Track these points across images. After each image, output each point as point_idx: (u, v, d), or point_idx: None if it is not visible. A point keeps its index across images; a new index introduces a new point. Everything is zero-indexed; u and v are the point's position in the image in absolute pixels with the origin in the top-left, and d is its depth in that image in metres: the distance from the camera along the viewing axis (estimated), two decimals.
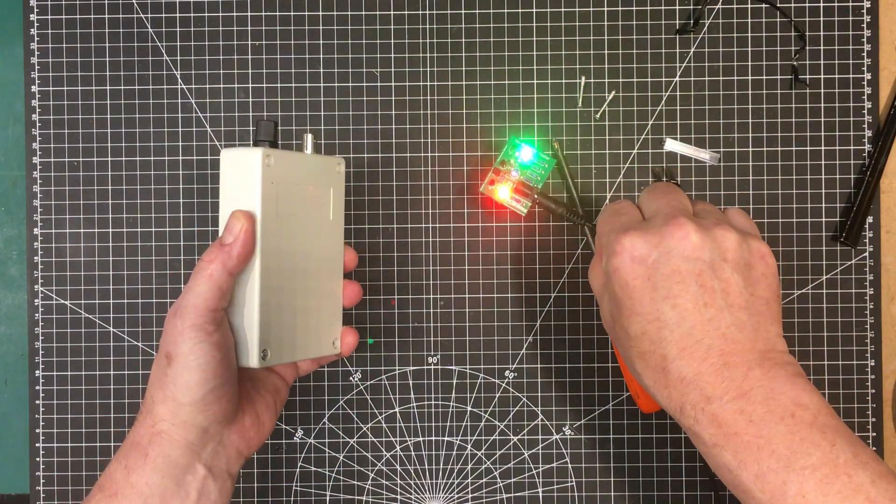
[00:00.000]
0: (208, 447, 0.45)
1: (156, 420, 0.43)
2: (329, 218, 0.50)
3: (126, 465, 0.43)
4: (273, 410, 0.49)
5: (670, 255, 0.41)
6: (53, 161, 0.60)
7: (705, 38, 0.60)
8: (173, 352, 0.43)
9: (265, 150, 0.45)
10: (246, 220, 0.44)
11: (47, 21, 0.60)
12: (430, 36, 0.60)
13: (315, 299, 0.49)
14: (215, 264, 0.43)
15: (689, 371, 0.40)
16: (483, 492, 0.60)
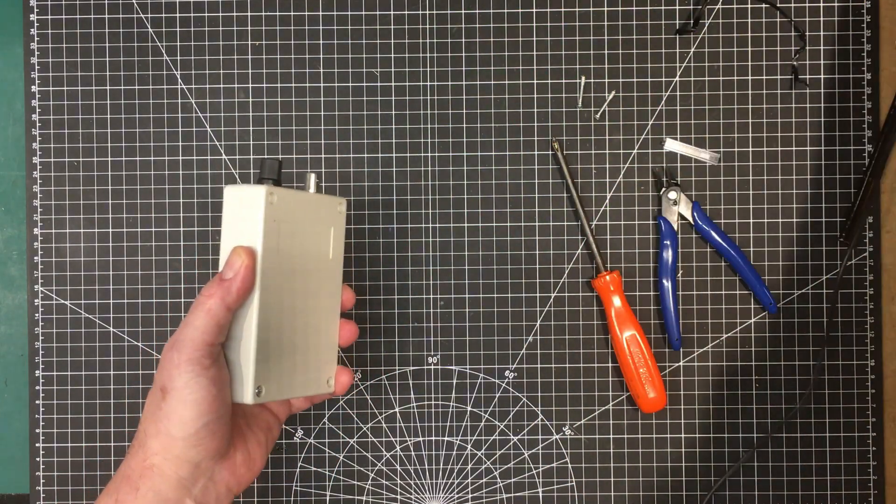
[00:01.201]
0: (199, 483, 0.44)
1: (147, 454, 0.43)
2: (328, 257, 0.50)
3: (116, 498, 0.43)
4: (264, 448, 0.49)
5: None
6: (53, 161, 0.60)
7: (705, 38, 0.60)
8: (169, 385, 0.43)
9: (269, 187, 0.45)
10: (247, 256, 0.44)
11: (47, 21, 0.60)
12: (430, 36, 0.60)
13: (312, 338, 0.49)
14: (214, 299, 0.43)
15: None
16: (483, 492, 0.60)
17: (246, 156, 0.60)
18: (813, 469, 0.60)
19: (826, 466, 0.60)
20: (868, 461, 0.60)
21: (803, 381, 0.60)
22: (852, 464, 0.60)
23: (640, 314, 0.60)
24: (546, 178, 0.60)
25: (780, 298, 0.60)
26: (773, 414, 0.60)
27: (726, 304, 0.60)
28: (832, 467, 0.60)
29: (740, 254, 0.59)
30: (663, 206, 0.59)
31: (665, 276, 0.59)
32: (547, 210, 0.60)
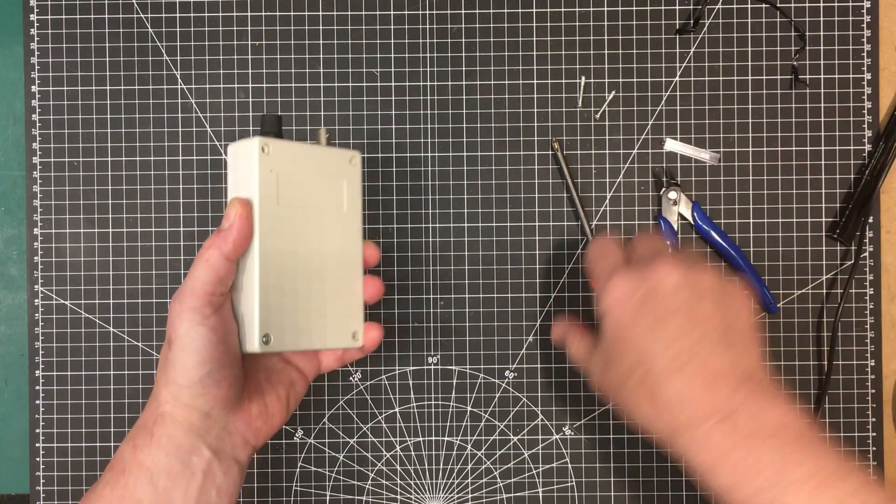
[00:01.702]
0: (212, 432, 0.45)
1: (160, 402, 0.44)
2: (342, 210, 0.50)
3: (133, 444, 0.44)
4: (284, 403, 0.49)
5: (656, 291, 0.45)
6: (53, 161, 0.60)
7: (705, 38, 0.60)
8: (173, 335, 0.44)
9: (262, 138, 0.46)
10: (241, 206, 0.45)
11: (47, 21, 0.60)
12: (430, 36, 0.60)
13: (329, 290, 0.49)
14: (211, 249, 0.44)
15: (676, 394, 0.43)
16: (483, 492, 0.60)
17: None
18: None
19: None
20: (868, 461, 0.60)
21: (803, 381, 0.60)
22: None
23: None
24: (546, 178, 0.60)
25: (780, 298, 0.60)
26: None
27: None
28: None
29: (740, 254, 0.59)
30: (663, 206, 0.59)
31: None
32: (547, 210, 0.60)
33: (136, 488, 0.43)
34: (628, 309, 0.45)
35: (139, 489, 0.43)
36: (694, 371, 0.43)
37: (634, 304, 0.45)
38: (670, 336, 0.44)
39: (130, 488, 0.43)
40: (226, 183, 0.60)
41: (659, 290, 0.45)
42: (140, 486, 0.43)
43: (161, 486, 0.43)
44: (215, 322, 0.44)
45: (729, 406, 0.42)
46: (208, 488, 0.45)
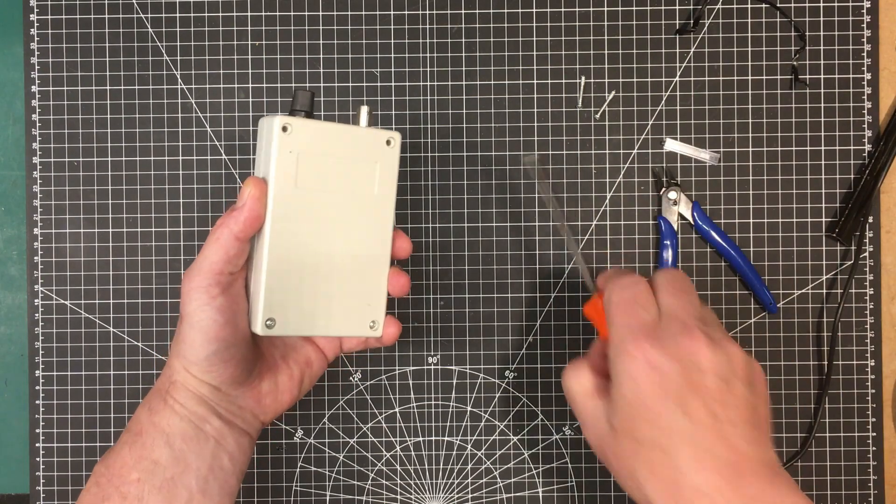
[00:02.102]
0: (222, 404, 0.46)
1: (172, 372, 0.45)
2: (373, 194, 0.48)
3: (149, 407, 0.45)
4: (297, 382, 0.49)
5: (686, 367, 0.41)
6: (53, 161, 0.60)
7: (705, 38, 0.60)
8: (183, 311, 0.44)
9: (284, 117, 0.44)
10: (255, 186, 0.44)
11: (47, 21, 0.60)
12: (430, 36, 0.60)
13: (350, 277, 0.47)
14: (222, 228, 0.44)
15: (706, 484, 0.39)
16: (483, 492, 0.60)
17: (246, 156, 0.60)
18: (813, 469, 0.60)
19: (826, 466, 0.60)
20: (868, 461, 0.60)
21: (803, 381, 0.60)
22: (852, 464, 0.60)
23: None
24: (546, 178, 0.60)
25: (780, 298, 0.60)
26: (773, 414, 0.60)
27: (726, 304, 0.60)
28: (832, 467, 0.60)
29: (740, 254, 0.59)
30: (663, 206, 0.59)
31: None
32: (547, 210, 0.60)
33: (153, 449, 0.44)
34: (656, 382, 0.41)
35: (156, 450, 0.44)
36: (722, 458, 0.40)
37: (663, 376, 0.41)
38: (699, 419, 0.40)
39: (148, 448, 0.44)
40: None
41: (693, 366, 0.41)
42: (157, 447, 0.44)
43: (177, 447, 0.44)
44: (222, 302, 0.44)
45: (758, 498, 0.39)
46: (220, 454, 0.45)
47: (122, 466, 0.44)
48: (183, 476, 0.44)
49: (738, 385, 0.41)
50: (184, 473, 0.44)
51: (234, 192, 0.60)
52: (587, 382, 0.45)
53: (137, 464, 0.44)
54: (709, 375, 0.41)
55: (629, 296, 0.44)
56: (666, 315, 0.43)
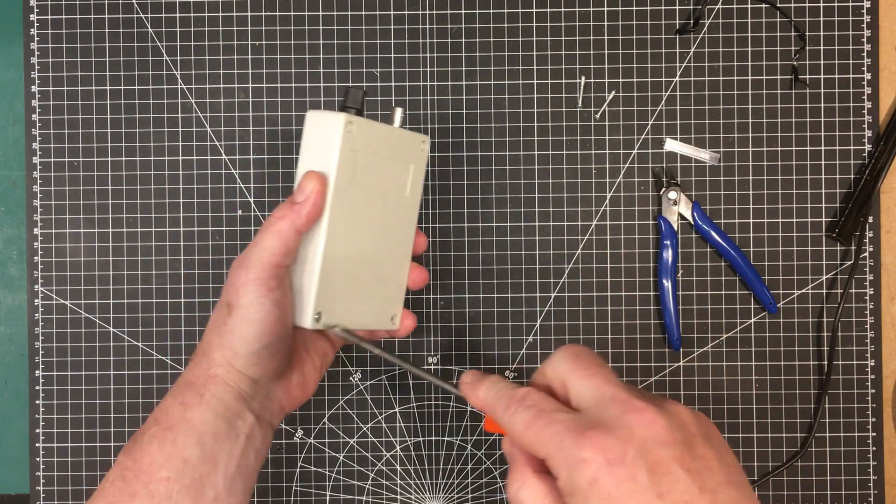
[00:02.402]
0: (257, 398, 0.46)
1: (211, 364, 0.45)
2: (405, 194, 0.50)
3: (182, 401, 0.44)
4: (319, 373, 0.50)
5: (647, 447, 0.35)
6: (53, 161, 0.60)
7: (705, 38, 0.60)
8: (235, 302, 0.44)
9: (348, 116, 0.45)
10: (318, 181, 0.44)
11: (47, 21, 0.60)
12: (430, 36, 0.60)
13: (379, 272, 0.49)
14: (284, 221, 0.44)
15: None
16: (483, 492, 0.60)
17: (246, 156, 0.60)
18: (813, 469, 0.60)
19: (826, 466, 0.60)
20: (868, 461, 0.60)
21: (803, 381, 0.60)
22: (852, 464, 0.60)
23: (640, 314, 0.60)
24: (546, 178, 0.60)
25: (780, 298, 0.60)
26: (772, 414, 0.60)
27: (726, 304, 0.60)
28: (832, 467, 0.60)
29: (740, 254, 0.59)
30: (663, 206, 0.59)
31: (665, 276, 0.59)
32: (547, 210, 0.60)
33: (184, 447, 0.43)
34: (625, 478, 0.34)
35: (188, 448, 0.43)
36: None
37: (628, 468, 0.34)
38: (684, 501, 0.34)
39: (179, 446, 0.43)
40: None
41: (650, 442, 0.35)
42: (189, 446, 0.43)
43: (208, 446, 0.44)
44: (279, 295, 0.44)
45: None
46: (248, 451, 0.45)
47: (151, 463, 0.43)
48: (211, 475, 0.44)
49: (699, 445, 0.36)
50: (212, 472, 0.44)
51: (234, 192, 0.60)
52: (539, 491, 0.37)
53: (167, 462, 0.43)
54: (672, 447, 0.35)
55: (530, 414, 0.38)
56: (594, 400, 0.37)
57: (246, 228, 0.60)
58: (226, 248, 0.60)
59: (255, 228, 0.60)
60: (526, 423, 0.37)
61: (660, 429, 0.35)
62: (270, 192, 0.60)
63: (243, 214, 0.60)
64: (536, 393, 0.39)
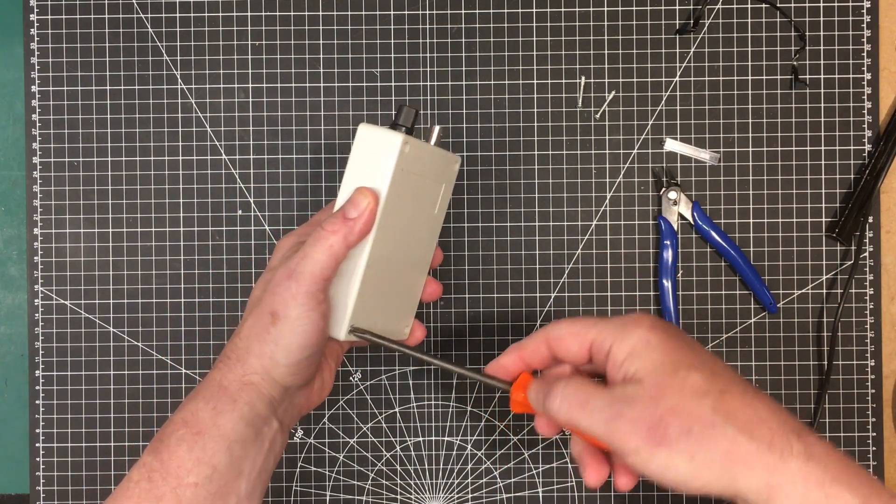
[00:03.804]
0: (283, 405, 0.46)
1: (247, 371, 0.45)
2: (434, 212, 0.51)
3: (214, 406, 0.44)
4: (332, 375, 0.51)
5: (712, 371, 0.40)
6: (53, 161, 0.60)
7: (705, 38, 0.60)
8: (282, 313, 0.44)
9: (406, 137, 0.45)
10: (373, 199, 0.45)
11: (47, 21, 0.60)
12: (430, 36, 0.60)
13: (400, 285, 0.50)
14: (337, 237, 0.44)
15: (769, 408, 0.39)
16: (483, 492, 0.60)
17: (246, 156, 0.60)
18: None
19: None
20: (868, 461, 0.60)
21: (803, 381, 0.60)
22: None
23: None
24: (546, 178, 0.60)
25: (780, 298, 0.60)
26: None
27: (726, 304, 0.60)
28: None
29: (740, 254, 0.59)
30: (663, 206, 0.59)
31: (665, 276, 0.59)
32: (547, 210, 0.60)
33: (214, 454, 0.43)
34: (671, 337, 0.40)
35: (217, 455, 0.43)
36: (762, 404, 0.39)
37: (672, 340, 0.40)
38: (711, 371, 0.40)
39: (209, 453, 0.43)
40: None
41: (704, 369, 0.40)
42: (218, 453, 0.43)
43: (235, 454, 0.43)
44: (325, 308, 0.44)
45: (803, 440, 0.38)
46: (270, 457, 0.46)
47: (180, 467, 0.43)
48: (236, 482, 0.44)
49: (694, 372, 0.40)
50: (237, 479, 0.44)
51: (234, 192, 0.60)
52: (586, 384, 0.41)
53: (195, 467, 0.42)
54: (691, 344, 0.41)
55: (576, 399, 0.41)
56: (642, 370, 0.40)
57: (246, 228, 0.60)
58: (226, 248, 0.60)
59: (256, 228, 0.60)
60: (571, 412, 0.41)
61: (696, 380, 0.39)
62: (270, 192, 0.60)
63: (243, 214, 0.60)
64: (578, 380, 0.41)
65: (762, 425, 0.38)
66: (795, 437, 0.38)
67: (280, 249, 0.48)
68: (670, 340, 0.40)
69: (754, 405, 0.39)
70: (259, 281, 0.47)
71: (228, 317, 0.60)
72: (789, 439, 0.38)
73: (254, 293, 0.47)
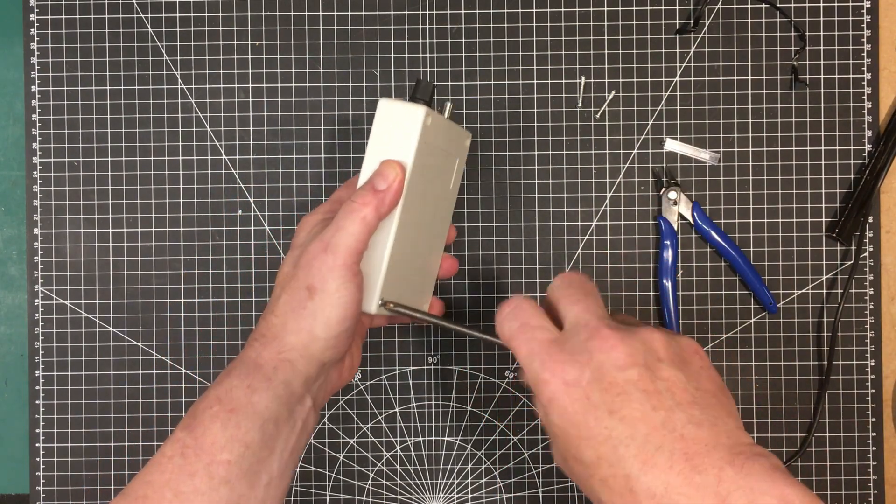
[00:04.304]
0: (317, 383, 0.46)
1: (284, 348, 0.44)
2: (449, 187, 0.51)
3: (249, 384, 0.44)
4: (360, 353, 0.51)
5: (603, 370, 0.38)
6: (53, 161, 0.60)
7: (705, 38, 0.60)
8: (319, 286, 0.44)
9: (427, 109, 0.46)
10: (400, 170, 0.45)
11: (47, 21, 0.60)
12: (430, 36, 0.60)
13: (422, 261, 0.51)
14: (369, 208, 0.44)
15: (658, 485, 0.36)
16: (483, 492, 0.60)
17: (246, 156, 0.60)
18: (813, 469, 0.60)
19: (826, 466, 0.60)
20: (868, 461, 0.60)
21: (803, 381, 0.60)
22: (852, 464, 0.60)
23: (640, 314, 0.60)
24: (546, 178, 0.60)
25: (780, 298, 0.60)
26: (772, 414, 0.60)
27: (726, 304, 0.60)
28: (832, 467, 0.60)
29: (740, 254, 0.59)
30: (663, 206, 0.59)
31: (665, 276, 0.59)
32: (547, 210, 0.60)
33: (248, 432, 0.43)
34: (578, 398, 0.38)
35: (250, 433, 0.43)
36: (672, 452, 0.36)
37: (583, 389, 0.38)
38: (634, 418, 0.37)
39: (243, 431, 0.42)
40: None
41: (607, 365, 0.38)
42: (252, 431, 0.43)
43: (268, 432, 0.43)
44: (360, 280, 0.45)
45: (720, 490, 0.35)
46: (301, 437, 0.46)
47: (213, 444, 0.42)
48: (268, 460, 0.43)
49: (663, 368, 0.38)
50: (269, 458, 0.44)
51: (235, 192, 0.60)
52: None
53: (229, 444, 0.42)
54: (630, 370, 0.38)
55: (517, 325, 0.41)
56: (570, 325, 0.41)
57: (246, 228, 0.60)
58: (226, 248, 0.60)
59: (256, 228, 0.60)
60: (511, 334, 0.42)
61: (619, 354, 0.38)
62: (270, 192, 0.60)
63: (243, 214, 0.60)
64: (530, 305, 0.42)
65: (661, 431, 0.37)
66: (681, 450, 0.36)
67: (304, 227, 0.49)
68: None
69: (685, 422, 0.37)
70: (286, 259, 0.47)
71: (228, 317, 0.60)
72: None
73: (283, 270, 0.47)
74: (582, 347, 0.39)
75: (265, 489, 0.43)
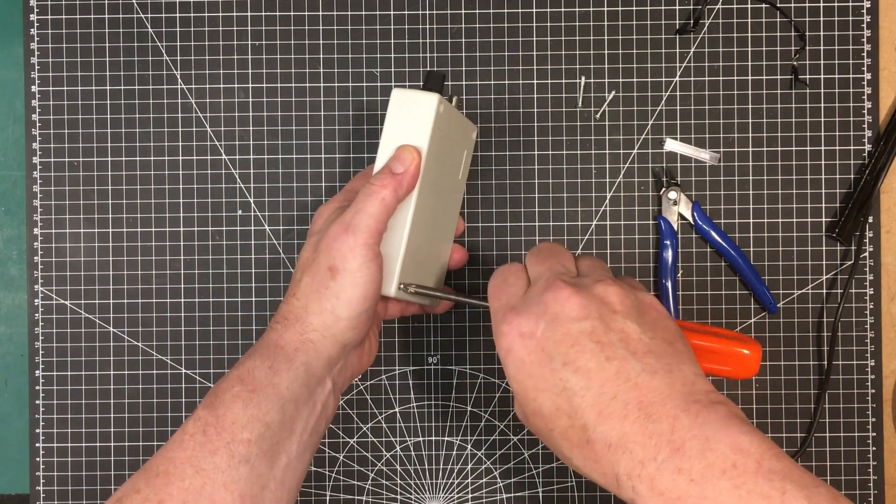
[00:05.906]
0: (338, 365, 0.47)
1: (306, 329, 0.45)
2: (458, 178, 0.53)
3: (271, 365, 0.44)
4: (377, 341, 0.52)
5: (557, 322, 0.39)
6: (53, 161, 0.60)
7: (705, 38, 0.60)
8: (340, 266, 0.44)
9: (440, 97, 0.47)
10: (417, 154, 0.47)
11: (47, 21, 0.60)
12: (430, 36, 0.60)
13: (435, 249, 0.52)
14: (388, 190, 0.45)
15: (613, 434, 0.36)
16: (483, 492, 0.60)
17: (246, 156, 0.60)
18: (813, 469, 0.60)
19: (826, 466, 0.60)
20: (868, 461, 0.60)
21: (803, 381, 0.60)
22: (852, 464, 0.60)
23: None
24: (546, 178, 0.60)
25: (780, 298, 0.60)
26: (772, 414, 0.60)
27: (726, 304, 0.60)
28: (832, 467, 0.60)
29: (740, 254, 0.59)
30: (663, 206, 0.59)
31: (665, 276, 0.59)
32: (547, 210, 0.60)
33: (268, 412, 0.43)
34: (533, 348, 0.39)
35: (271, 413, 0.43)
36: (627, 401, 0.36)
37: (538, 340, 0.39)
38: (588, 368, 0.37)
39: (263, 410, 0.43)
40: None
41: (561, 317, 0.39)
42: (272, 411, 0.43)
43: (288, 413, 0.44)
44: (381, 261, 0.45)
45: (674, 438, 0.35)
46: (321, 420, 0.46)
47: (234, 423, 0.42)
48: (287, 441, 0.44)
49: (617, 320, 0.39)
50: (288, 439, 0.44)
51: (234, 192, 0.60)
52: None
53: (249, 423, 0.42)
54: (583, 322, 0.39)
55: (499, 280, 0.44)
56: (532, 282, 0.43)
57: (246, 228, 0.60)
58: (226, 248, 0.60)
59: (256, 228, 0.60)
60: (489, 292, 0.44)
61: (573, 306, 0.39)
62: (270, 192, 0.60)
63: (243, 214, 0.60)
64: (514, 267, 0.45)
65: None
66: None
67: (322, 215, 0.49)
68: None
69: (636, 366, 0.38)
70: (305, 245, 0.48)
71: (228, 317, 0.60)
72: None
73: (303, 255, 0.47)
74: (538, 300, 0.40)
75: (283, 470, 0.44)
